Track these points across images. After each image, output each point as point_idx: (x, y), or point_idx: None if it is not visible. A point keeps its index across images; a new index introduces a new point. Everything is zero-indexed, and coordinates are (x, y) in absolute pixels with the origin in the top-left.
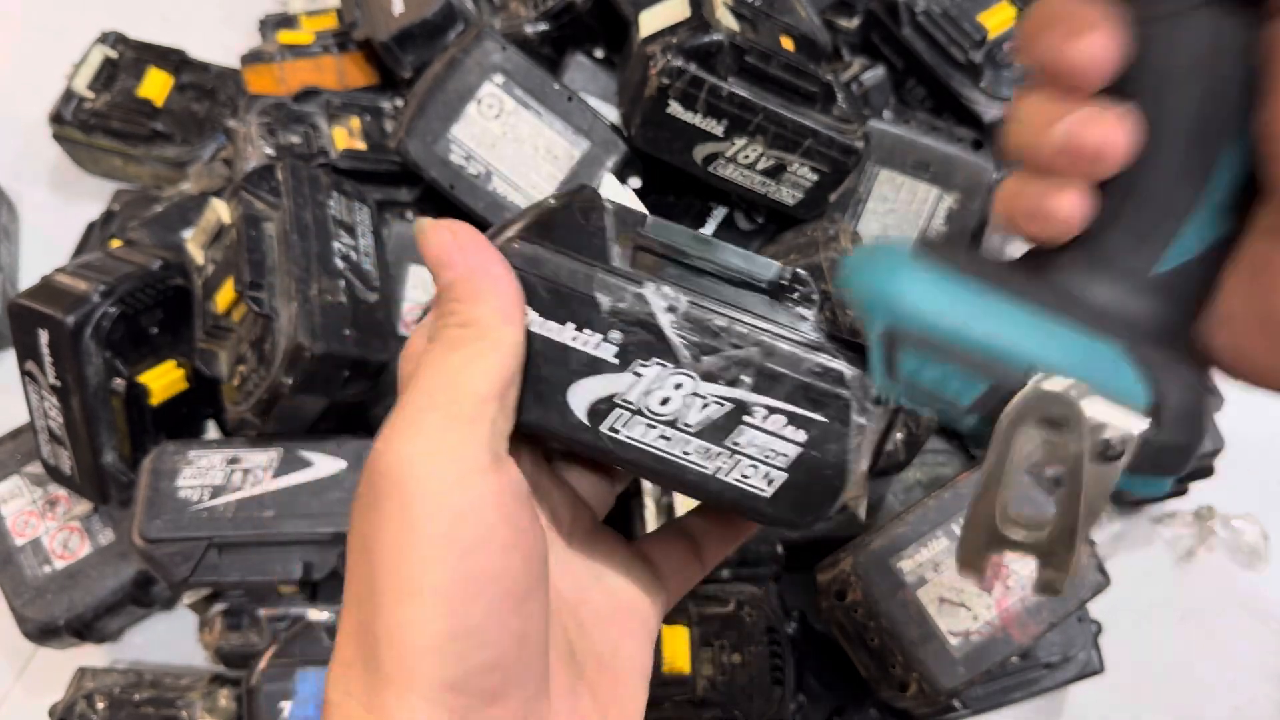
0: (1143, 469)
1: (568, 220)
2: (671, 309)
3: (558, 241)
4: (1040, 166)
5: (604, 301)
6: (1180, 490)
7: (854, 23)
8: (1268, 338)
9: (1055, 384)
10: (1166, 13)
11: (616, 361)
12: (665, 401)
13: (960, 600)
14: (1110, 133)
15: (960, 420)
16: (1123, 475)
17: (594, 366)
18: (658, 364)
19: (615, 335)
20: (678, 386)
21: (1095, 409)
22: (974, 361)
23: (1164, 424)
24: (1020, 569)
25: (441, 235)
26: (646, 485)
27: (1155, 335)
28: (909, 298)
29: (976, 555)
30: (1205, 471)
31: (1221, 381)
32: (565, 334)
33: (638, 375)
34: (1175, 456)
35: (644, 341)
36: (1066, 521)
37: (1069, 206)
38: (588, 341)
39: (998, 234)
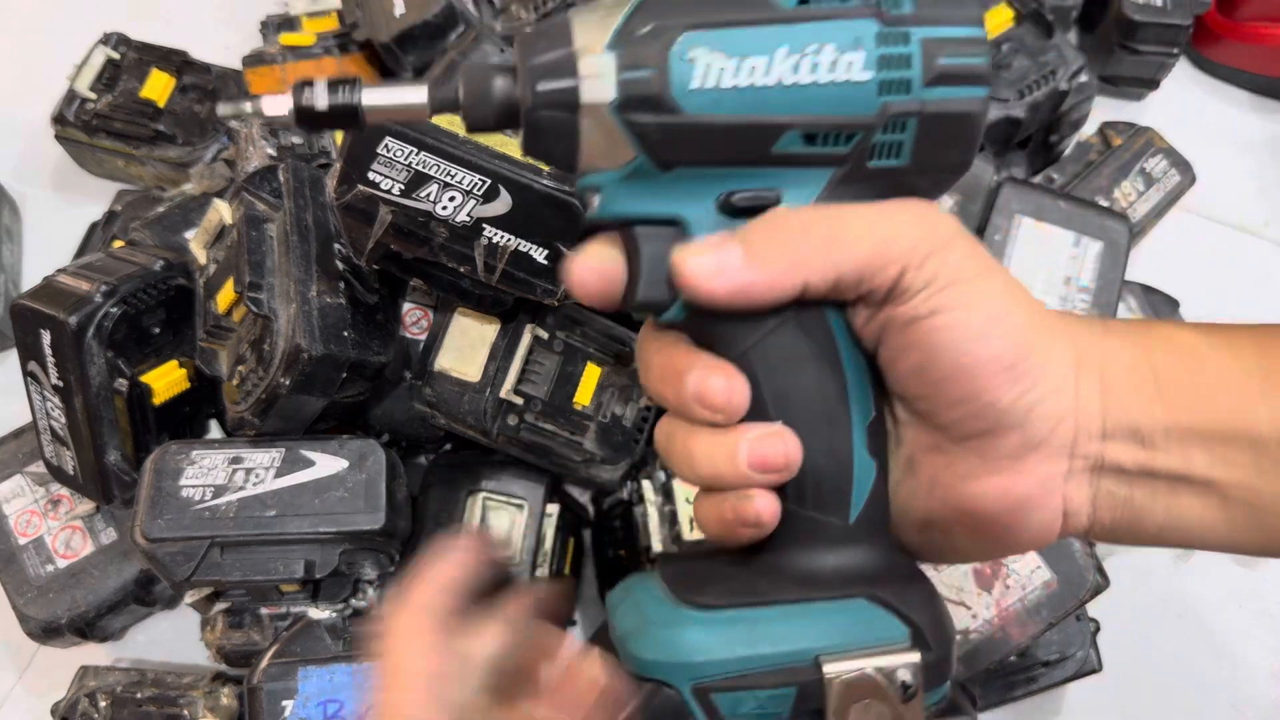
0: (929, 685)
1: None
2: None
3: None
4: (731, 485)
5: None
6: None
7: None
8: (922, 538)
9: (844, 664)
10: (755, 343)
11: None
12: None
13: (959, 599)
14: (787, 444)
15: None
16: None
17: None
18: None
19: None
20: None
21: (882, 663)
22: (774, 679)
23: (929, 644)
24: (1019, 568)
25: None
26: (649, 493)
27: (877, 571)
28: (703, 654)
29: None
30: None
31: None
32: None
33: None
34: (945, 665)
35: None
36: None
37: (768, 507)
38: None
39: (997, 234)
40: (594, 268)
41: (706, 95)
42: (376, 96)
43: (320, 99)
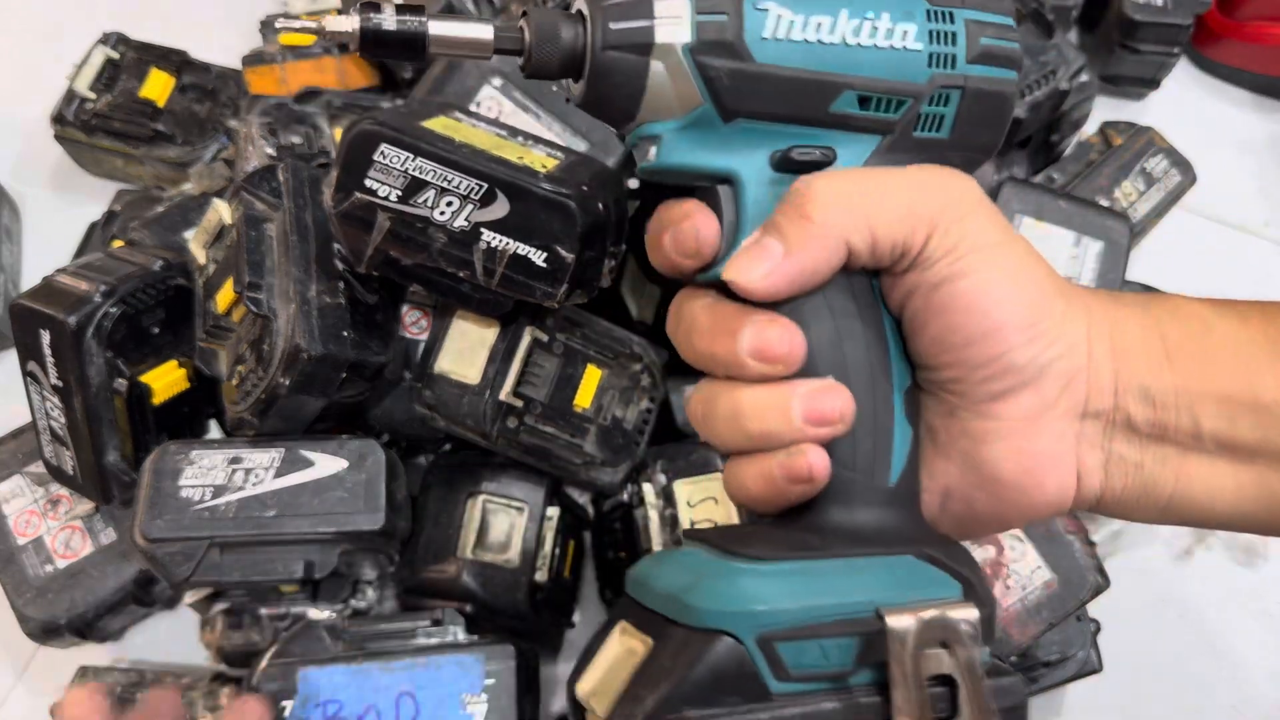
0: (985, 642)
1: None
2: None
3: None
4: (783, 442)
5: None
6: None
7: None
8: (942, 509)
9: (906, 615)
10: (803, 298)
11: None
12: None
13: None
14: (842, 399)
15: (852, 679)
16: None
17: None
18: None
19: None
20: None
21: (945, 615)
22: (836, 629)
23: (982, 599)
24: (1020, 569)
25: None
26: (649, 496)
27: (919, 532)
28: (765, 603)
29: None
30: None
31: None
32: None
33: None
34: (992, 623)
35: None
36: (978, 705)
37: (820, 461)
38: None
39: None
40: (697, 223)
41: (777, 45)
42: (443, 28)
43: (388, 22)
